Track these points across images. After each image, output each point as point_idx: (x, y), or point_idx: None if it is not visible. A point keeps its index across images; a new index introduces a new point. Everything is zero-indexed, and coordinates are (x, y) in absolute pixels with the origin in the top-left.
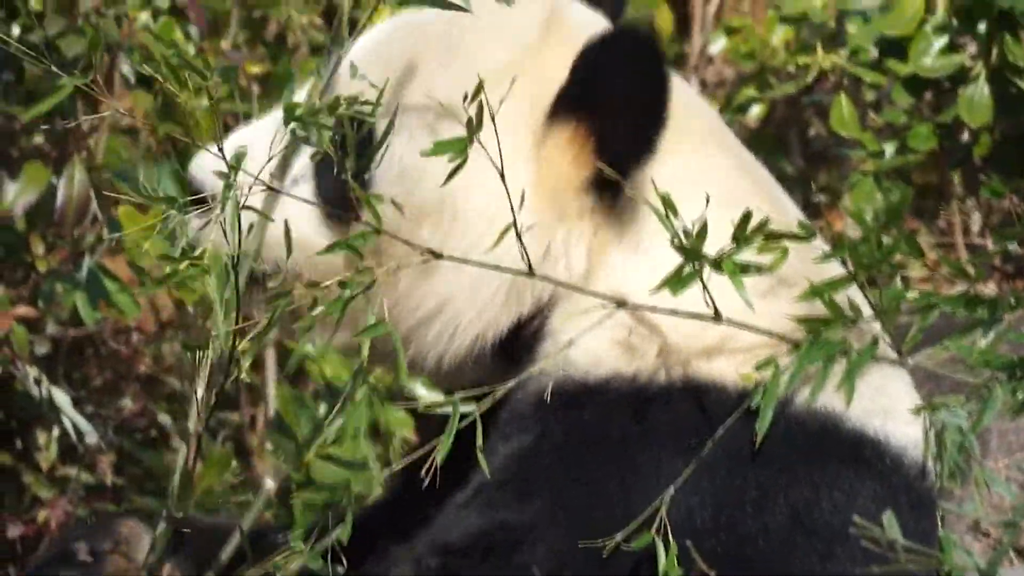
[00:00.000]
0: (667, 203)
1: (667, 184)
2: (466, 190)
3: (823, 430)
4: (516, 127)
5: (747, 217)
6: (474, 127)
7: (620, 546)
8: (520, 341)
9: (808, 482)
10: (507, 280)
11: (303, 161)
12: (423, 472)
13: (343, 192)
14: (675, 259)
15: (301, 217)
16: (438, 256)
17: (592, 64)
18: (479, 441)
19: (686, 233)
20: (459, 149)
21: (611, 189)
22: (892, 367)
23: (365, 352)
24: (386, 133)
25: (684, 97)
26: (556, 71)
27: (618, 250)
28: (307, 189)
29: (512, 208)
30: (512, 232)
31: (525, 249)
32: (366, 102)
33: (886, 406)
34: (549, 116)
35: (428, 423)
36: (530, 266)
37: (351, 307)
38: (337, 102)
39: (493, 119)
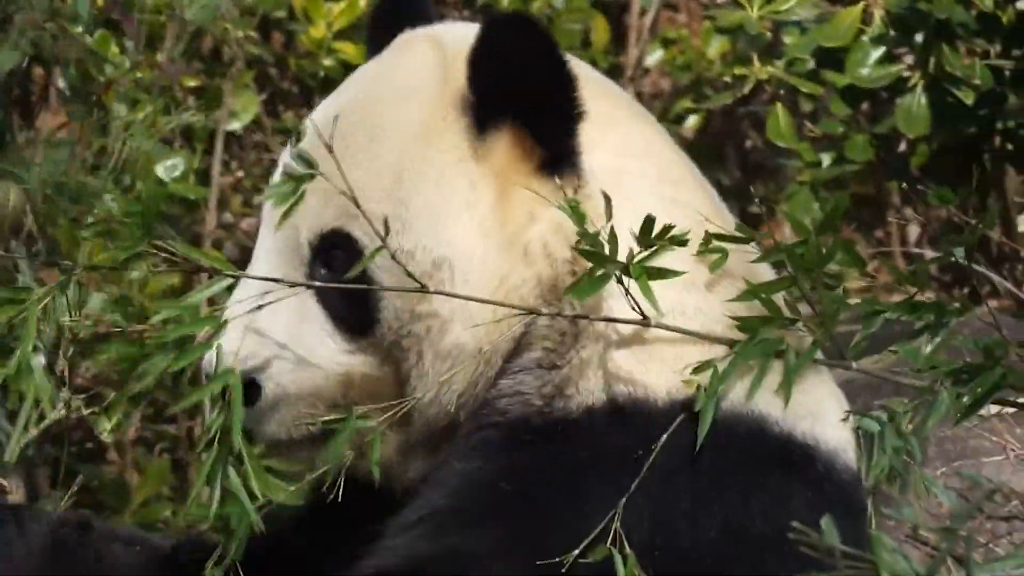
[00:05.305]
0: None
1: (616, 154)
2: (451, 243)
3: (750, 434)
4: (464, 160)
5: (650, 222)
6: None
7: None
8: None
9: (738, 490)
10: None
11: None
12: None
13: (350, 300)
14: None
15: (314, 335)
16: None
17: (480, 64)
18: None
19: (596, 236)
20: (288, 192)
21: (569, 166)
22: (815, 371)
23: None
24: (387, 230)
25: (600, 77)
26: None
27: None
28: (313, 307)
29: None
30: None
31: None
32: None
33: (813, 409)
34: (479, 133)
35: None
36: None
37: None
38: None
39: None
